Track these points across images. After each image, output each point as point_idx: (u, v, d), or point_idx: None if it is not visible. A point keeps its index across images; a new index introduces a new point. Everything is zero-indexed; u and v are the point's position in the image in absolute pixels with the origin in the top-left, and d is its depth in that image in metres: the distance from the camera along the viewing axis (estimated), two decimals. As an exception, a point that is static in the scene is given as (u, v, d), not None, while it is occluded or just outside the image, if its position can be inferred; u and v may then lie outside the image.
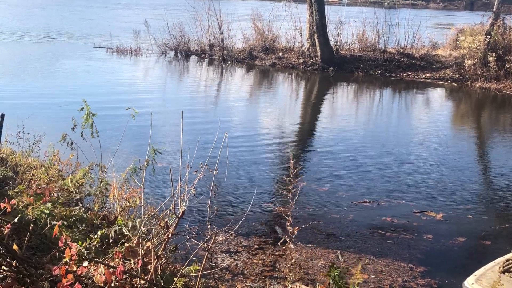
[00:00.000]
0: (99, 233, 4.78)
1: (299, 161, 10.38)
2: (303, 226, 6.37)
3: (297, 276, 5.17)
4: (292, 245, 5.30)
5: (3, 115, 5.35)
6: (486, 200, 8.92)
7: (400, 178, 9.61)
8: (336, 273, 4.43)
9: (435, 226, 7.59)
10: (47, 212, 5.00)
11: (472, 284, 5.11)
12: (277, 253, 6.43)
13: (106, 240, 4.84)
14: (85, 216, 5.51)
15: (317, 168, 9.89)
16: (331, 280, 4.40)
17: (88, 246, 4.57)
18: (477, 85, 19.42)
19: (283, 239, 6.67)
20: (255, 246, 6.59)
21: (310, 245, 6.52)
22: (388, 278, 6.06)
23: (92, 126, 6.33)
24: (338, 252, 6.54)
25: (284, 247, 5.37)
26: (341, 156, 10.66)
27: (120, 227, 4.93)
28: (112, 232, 4.81)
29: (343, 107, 16.27)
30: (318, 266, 6.15)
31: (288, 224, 5.13)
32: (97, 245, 4.69)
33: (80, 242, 4.55)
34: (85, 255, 4.22)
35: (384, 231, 7.30)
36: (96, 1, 45.08)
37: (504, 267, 5.33)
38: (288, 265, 5.09)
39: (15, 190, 5.61)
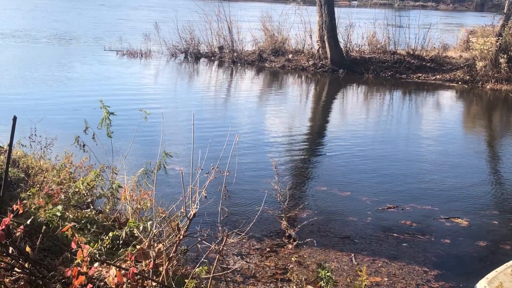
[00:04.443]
0: (110, 234, 4.78)
1: (315, 164, 10.30)
2: (317, 228, 6.32)
3: (300, 277, 5.14)
4: (291, 246, 5.27)
5: (15, 118, 5.35)
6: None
7: (423, 182, 9.37)
8: (325, 273, 4.47)
9: (455, 230, 7.45)
10: (59, 214, 5.01)
11: (484, 286, 5.05)
12: (290, 256, 6.38)
13: (118, 242, 4.84)
14: (96, 218, 5.51)
15: (335, 172, 9.66)
16: (323, 278, 4.44)
17: (99, 247, 4.58)
18: (488, 87, 19.28)
19: (296, 242, 6.65)
20: (268, 249, 6.54)
21: (323, 247, 6.45)
22: (402, 281, 5.99)
23: (108, 126, 6.33)
24: (352, 254, 6.48)
25: (283, 250, 5.34)
26: (357, 159, 10.48)
27: (131, 229, 4.92)
28: (123, 234, 4.80)
29: (354, 109, 16.19)
30: (331, 269, 6.09)
31: (283, 225, 5.11)
32: (108, 246, 4.69)
33: (92, 244, 4.55)
34: (97, 256, 4.22)
35: (400, 234, 7.19)
36: (78, 2, 45.46)
37: (517, 269, 5.25)
38: (291, 266, 5.09)
39: (28, 193, 5.63)
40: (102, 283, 4.07)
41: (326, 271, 4.55)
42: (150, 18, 27.44)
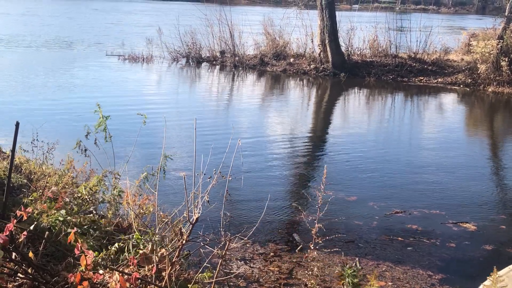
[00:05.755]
0: (116, 245, 4.75)
1: (320, 168, 10.23)
2: (323, 233, 6.28)
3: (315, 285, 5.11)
4: (315, 253, 5.25)
5: (17, 123, 5.35)
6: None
7: (431, 186, 9.27)
8: (349, 272, 4.41)
9: (461, 235, 7.39)
10: (61, 219, 4.99)
11: None
12: (294, 260, 6.35)
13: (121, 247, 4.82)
14: (99, 223, 5.49)
15: (341, 176, 9.57)
16: (347, 279, 4.38)
17: (104, 256, 4.56)
18: (489, 90, 19.26)
19: (301, 246, 6.61)
20: (272, 254, 6.51)
21: (327, 252, 6.41)
22: (406, 285, 5.96)
23: (105, 130, 6.31)
24: (357, 259, 6.45)
25: (306, 255, 5.30)
26: (363, 164, 10.38)
27: (138, 241, 4.87)
28: (130, 246, 4.77)
29: (357, 113, 16.15)
30: (335, 274, 6.07)
31: (313, 232, 5.08)
32: (113, 256, 4.67)
33: (96, 253, 4.54)
34: (102, 264, 4.20)
35: (405, 239, 7.15)
36: (71, 6, 45.58)
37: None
38: (310, 273, 5.05)
39: (30, 198, 5.61)
40: (105, 289, 4.05)
41: (351, 270, 4.50)
42: (145, 23, 27.47)
